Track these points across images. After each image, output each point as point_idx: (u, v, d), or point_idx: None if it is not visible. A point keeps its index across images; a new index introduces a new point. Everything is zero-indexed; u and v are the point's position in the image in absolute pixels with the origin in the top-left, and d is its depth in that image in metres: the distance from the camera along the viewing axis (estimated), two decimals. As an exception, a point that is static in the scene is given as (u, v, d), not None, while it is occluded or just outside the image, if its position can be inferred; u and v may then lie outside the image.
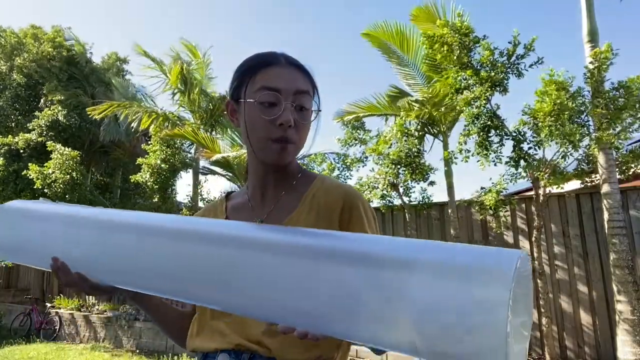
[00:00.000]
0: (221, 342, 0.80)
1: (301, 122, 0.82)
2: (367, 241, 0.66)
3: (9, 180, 9.02)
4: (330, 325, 0.60)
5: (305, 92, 0.83)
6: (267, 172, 0.89)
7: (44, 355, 6.09)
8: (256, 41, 72.00)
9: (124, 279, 0.79)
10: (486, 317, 0.51)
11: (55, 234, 0.86)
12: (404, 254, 0.59)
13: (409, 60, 6.64)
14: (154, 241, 0.76)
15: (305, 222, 0.83)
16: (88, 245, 0.82)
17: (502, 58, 4.82)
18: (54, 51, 10.78)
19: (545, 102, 4.44)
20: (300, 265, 0.63)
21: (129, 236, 0.79)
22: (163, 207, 7.74)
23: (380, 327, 0.57)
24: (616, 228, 4.53)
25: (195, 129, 7.36)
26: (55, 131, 9.72)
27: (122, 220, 0.83)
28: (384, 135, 6.29)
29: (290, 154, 0.83)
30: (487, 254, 0.57)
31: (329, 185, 0.88)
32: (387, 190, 6.10)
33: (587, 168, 5.07)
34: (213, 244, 0.71)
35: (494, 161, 4.85)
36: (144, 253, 0.76)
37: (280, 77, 0.82)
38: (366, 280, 0.58)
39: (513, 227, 5.58)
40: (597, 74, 4.51)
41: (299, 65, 0.86)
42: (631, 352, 4.23)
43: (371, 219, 0.86)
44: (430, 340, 0.53)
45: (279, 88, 0.81)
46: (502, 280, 0.52)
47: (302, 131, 0.84)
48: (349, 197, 0.85)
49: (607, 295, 4.87)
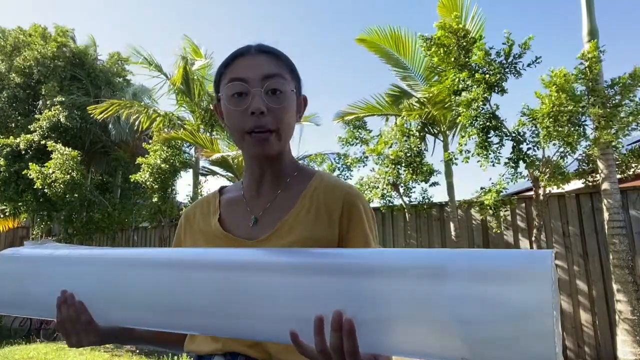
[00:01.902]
0: (216, 347, 0.79)
1: (275, 107, 0.79)
2: (395, 254, 0.66)
3: (11, 180, 9.03)
4: (365, 339, 0.58)
5: (275, 75, 0.80)
6: (260, 166, 0.87)
7: (44, 355, 6.09)
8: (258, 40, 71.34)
9: (128, 315, 0.76)
10: (532, 321, 0.50)
11: (53, 277, 0.81)
12: (434, 263, 0.59)
13: (407, 63, 6.64)
14: (161, 274, 0.73)
15: (304, 220, 0.81)
16: (92, 283, 0.78)
17: (499, 58, 4.83)
18: (58, 51, 10.79)
19: (545, 103, 4.44)
20: (330, 284, 0.61)
21: (131, 270, 0.76)
22: (163, 206, 7.75)
23: (420, 339, 0.56)
24: (616, 228, 4.53)
25: (193, 131, 7.37)
26: (56, 132, 9.73)
27: (119, 256, 0.81)
28: (384, 135, 6.30)
29: (272, 143, 0.80)
30: (519, 256, 0.56)
31: (329, 183, 0.86)
32: (388, 190, 6.10)
33: (587, 168, 5.07)
34: (219, 271, 0.69)
35: (493, 162, 4.86)
36: (151, 287, 0.73)
37: (247, 66, 0.81)
38: (400, 292, 0.57)
39: (513, 227, 5.58)
40: (589, 73, 4.52)
41: (269, 51, 0.84)
42: (631, 352, 4.23)
43: (370, 220, 0.85)
44: (478, 350, 0.52)
45: (244, 77, 0.79)
46: (541, 282, 0.51)
47: (281, 115, 0.80)
48: (350, 198, 0.83)
49: (607, 295, 4.86)
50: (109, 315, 0.77)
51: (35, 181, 7.93)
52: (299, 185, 0.87)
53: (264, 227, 0.84)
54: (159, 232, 8.20)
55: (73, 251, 0.86)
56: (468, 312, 0.53)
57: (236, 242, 0.83)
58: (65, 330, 0.78)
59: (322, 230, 0.80)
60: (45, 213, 8.89)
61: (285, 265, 0.66)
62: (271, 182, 0.88)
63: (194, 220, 0.93)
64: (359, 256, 0.65)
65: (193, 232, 0.92)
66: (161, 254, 0.81)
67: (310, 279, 0.62)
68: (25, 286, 0.83)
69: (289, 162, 0.90)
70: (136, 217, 8.57)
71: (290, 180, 0.88)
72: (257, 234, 0.83)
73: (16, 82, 10.98)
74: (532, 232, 5.20)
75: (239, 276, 0.67)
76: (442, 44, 5.00)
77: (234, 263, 0.69)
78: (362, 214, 0.83)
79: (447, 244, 5.93)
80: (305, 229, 0.80)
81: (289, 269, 0.65)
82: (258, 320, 0.65)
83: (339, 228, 0.81)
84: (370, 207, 0.87)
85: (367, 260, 0.63)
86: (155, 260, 0.77)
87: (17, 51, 11.25)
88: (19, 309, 0.89)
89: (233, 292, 0.66)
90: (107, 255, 0.82)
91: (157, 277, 0.73)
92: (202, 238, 0.89)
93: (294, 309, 0.62)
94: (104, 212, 8.46)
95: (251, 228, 0.85)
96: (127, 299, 0.74)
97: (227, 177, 8.55)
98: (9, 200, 9.09)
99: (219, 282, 0.68)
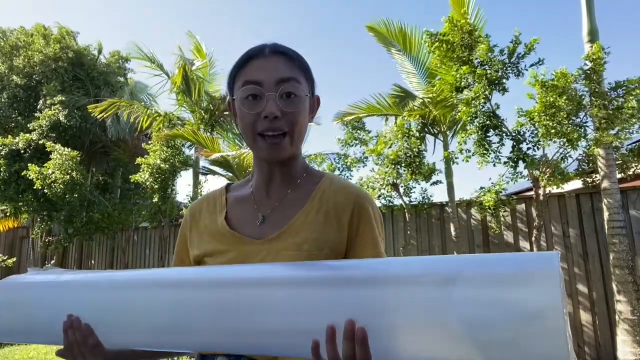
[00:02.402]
0: None
1: (289, 111, 0.79)
2: (404, 263, 0.66)
3: (10, 180, 9.02)
4: (377, 347, 0.58)
5: (289, 79, 0.79)
6: (271, 168, 0.86)
7: (44, 355, 6.09)
8: (260, 40, 71.50)
9: (133, 337, 0.75)
10: (543, 322, 0.50)
11: (58, 302, 0.81)
12: (442, 270, 0.59)
13: (412, 57, 6.66)
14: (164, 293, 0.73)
15: (314, 221, 0.81)
16: (97, 307, 0.77)
17: (502, 56, 4.82)
18: (61, 52, 10.79)
19: (538, 102, 4.45)
20: (341, 296, 0.61)
21: (135, 292, 0.76)
22: (163, 207, 7.75)
23: (432, 345, 0.56)
24: (616, 228, 4.53)
25: (195, 129, 7.37)
26: (56, 132, 9.73)
27: (123, 278, 0.81)
28: (383, 135, 6.30)
29: (284, 147, 0.80)
30: (527, 259, 0.57)
31: (339, 185, 0.86)
32: (388, 190, 6.10)
33: (587, 168, 5.07)
34: (226, 288, 0.69)
35: (494, 161, 4.86)
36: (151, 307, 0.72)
37: (261, 68, 0.80)
38: (410, 300, 0.57)
39: (513, 227, 5.58)
40: (593, 75, 4.52)
41: (284, 52, 0.83)
42: (631, 352, 4.23)
43: (379, 223, 0.85)
44: (492, 353, 0.52)
45: (259, 80, 0.79)
46: (550, 283, 0.51)
47: (294, 119, 0.79)
48: (360, 200, 0.83)
49: (607, 295, 4.87)
50: (115, 338, 0.77)
51: (35, 182, 7.93)
52: (308, 186, 0.86)
53: (272, 226, 0.83)
54: (159, 232, 8.20)
55: (77, 276, 0.86)
56: (479, 316, 0.53)
57: (242, 240, 0.83)
58: (72, 354, 0.77)
59: (331, 232, 0.80)
60: (46, 213, 8.89)
61: (294, 279, 0.66)
62: (281, 182, 0.87)
63: (200, 216, 0.93)
64: (368, 267, 0.65)
65: (199, 229, 0.91)
66: (166, 274, 0.80)
67: (320, 292, 0.62)
68: (30, 313, 0.83)
69: (300, 163, 0.89)
70: (136, 217, 8.57)
71: (300, 181, 0.87)
72: (264, 232, 0.83)
73: (16, 82, 10.97)
74: (532, 232, 5.20)
75: (248, 291, 0.67)
76: (447, 40, 4.99)
77: (240, 279, 0.69)
78: (371, 217, 0.83)
79: (447, 244, 5.93)
80: (314, 230, 0.80)
81: (299, 282, 0.65)
82: (269, 335, 0.64)
83: (348, 230, 0.81)
84: (378, 210, 0.87)
85: (376, 270, 0.63)
86: (159, 280, 0.77)
87: (17, 51, 11.24)
88: (25, 337, 0.89)
89: (241, 308, 0.66)
90: (111, 278, 0.82)
91: (162, 298, 0.72)
92: (208, 235, 0.88)
93: (306, 320, 0.62)
94: (104, 212, 8.45)
95: (259, 227, 0.84)
96: (132, 321, 0.74)
97: (227, 177, 8.56)
98: (9, 200, 9.08)
99: (226, 299, 0.67)
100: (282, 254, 0.78)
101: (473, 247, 5.80)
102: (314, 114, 0.88)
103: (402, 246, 6.07)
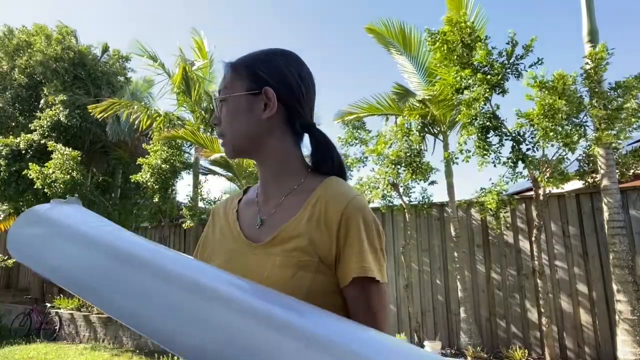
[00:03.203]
0: None
1: (223, 116, 0.88)
2: None
3: (11, 180, 9.03)
4: None
5: (224, 88, 0.88)
6: (259, 170, 0.91)
7: (44, 355, 6.10)
8: (264, 40, 71.75)
9: None
10: None
11: (64, 251, 0.79)
12: None
13: (411, 57, 6.66)
14: None
15: (306, 230, 0.79)
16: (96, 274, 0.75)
17: (501, 58, 4.82)
18: (62, 52, 10.79)
19: (537, 104, 4.45)
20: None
21: None
22: (163, 207, 7.76)
23: None
24: (616, 228, 4.53)
25: (194, 130, 7.37)
26: (57, 132, 9.73)
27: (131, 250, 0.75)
28: (383, 135, 6.30)
29: (227, 148, 0.89)
30: None
31: (334, 193, 0.82)
32: (388, 190, 6.11)
33: (587, 168, 5.07)
34: None
35: (493, 162, 4.86)
36: None
37: None
38: None
39: (513, 227, 5.58)
40: (594, 74, 4.52)
41: (230, 64, 0.90)
42: (631, 352, 4.23)
43: (373, 235, 0.79)
44: None
45: (214, 95, 0.91)
46: None
47: (227, 122, 0.87)
48: (349, 211, 0.78)
49: (607, 295, 4.87)
50: None
51: (36, 181, 7.94)
52: (307, 191, 0.85)
53: (268, 229, 0.84)
54: (159, 232, 8.20)
55: (90, 231, 0.81)
56: None
57: (244, 242, 0.85)
58: None
59: (322, 242, 0.78)
60: (46, 213, 8.89)
61: (239, 303, 0.62)
62: (276, 185, 0.88)
63: (218, 217, 0.98)
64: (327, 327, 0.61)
65: (215, 228, 0.96)
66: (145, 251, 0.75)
67: (257, 328, 0.59)
68: (42, 252, 0.83)
69: (292, 164, 0.88)
70: (136, 217, 8.58)
71: (299, 185, 0.87)
72: (262, 236, 0.84)
73: (19, 82, 10.98)
74: (532, 232, 5.21)
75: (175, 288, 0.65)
76: (447, 40, 4.98)
77: (179, 275, 0.67)
78: (360, 229, 0.78)
79: (447, 243, 5.94)
80: (305, 237, 0.79)
81: (243, 308, 0.61)
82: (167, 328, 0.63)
83: (337, 241, 0.78)
84: (373, 219, 0.81)
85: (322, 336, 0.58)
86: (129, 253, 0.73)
87: (20, 51, 11.25)
88: (38, 268, 0.87)
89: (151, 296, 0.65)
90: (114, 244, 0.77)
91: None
92: (220, 233, 0.93)
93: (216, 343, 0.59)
94: (104, 212, 8.46)
95: (257, 230, 0.86)
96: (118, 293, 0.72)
97: (227, 177, 8.56)
98: (9, 200, 9.08)
99: (152, 285, 0.66)
100: (273, 259, 0.78)
101: (473, 247, 5.80)
102: (269, 107, 0.84)
103: (402, 246, 6.08)
